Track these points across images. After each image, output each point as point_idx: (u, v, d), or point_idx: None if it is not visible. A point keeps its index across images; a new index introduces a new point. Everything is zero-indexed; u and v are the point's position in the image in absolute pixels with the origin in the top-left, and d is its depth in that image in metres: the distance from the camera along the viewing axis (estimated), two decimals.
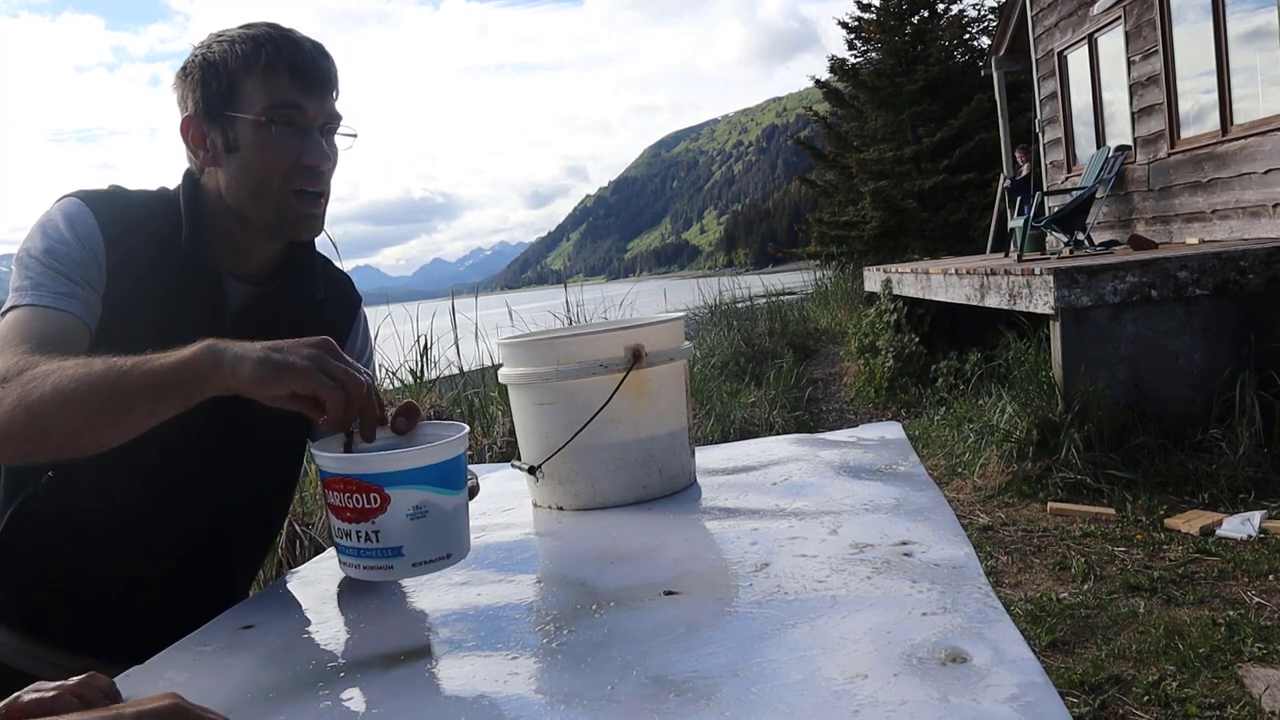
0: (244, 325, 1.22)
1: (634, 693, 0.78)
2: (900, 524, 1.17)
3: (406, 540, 1.00)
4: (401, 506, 0.99)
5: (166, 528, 1.23)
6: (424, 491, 1.00)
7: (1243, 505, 4.01)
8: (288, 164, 1.14)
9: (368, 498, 0.98)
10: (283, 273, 1.27)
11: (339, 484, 1.00)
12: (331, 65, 1.17)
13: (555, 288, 9.02)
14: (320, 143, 1.16)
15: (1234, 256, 4.63)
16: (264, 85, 1.13)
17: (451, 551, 1.05)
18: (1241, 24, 6.35)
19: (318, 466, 1.03)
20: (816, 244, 18.48)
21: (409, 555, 1.01)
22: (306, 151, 1.14)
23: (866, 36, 18.03)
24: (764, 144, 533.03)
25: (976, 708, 0.68)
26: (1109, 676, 2.69)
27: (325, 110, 1.16)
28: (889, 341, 7.98)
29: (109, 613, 1.22)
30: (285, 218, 1.17)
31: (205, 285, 1.21)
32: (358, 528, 1.00)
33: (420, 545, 1.01)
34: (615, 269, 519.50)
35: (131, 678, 0.95)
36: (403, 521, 0.99)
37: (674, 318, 1.55)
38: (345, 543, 1.02)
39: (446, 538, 1.03)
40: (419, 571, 1.02)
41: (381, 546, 1.00)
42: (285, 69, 1.13)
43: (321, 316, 1.32)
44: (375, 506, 0.98)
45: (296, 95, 1.14)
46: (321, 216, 1.20)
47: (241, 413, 1.23)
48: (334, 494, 1.01)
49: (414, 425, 1.10)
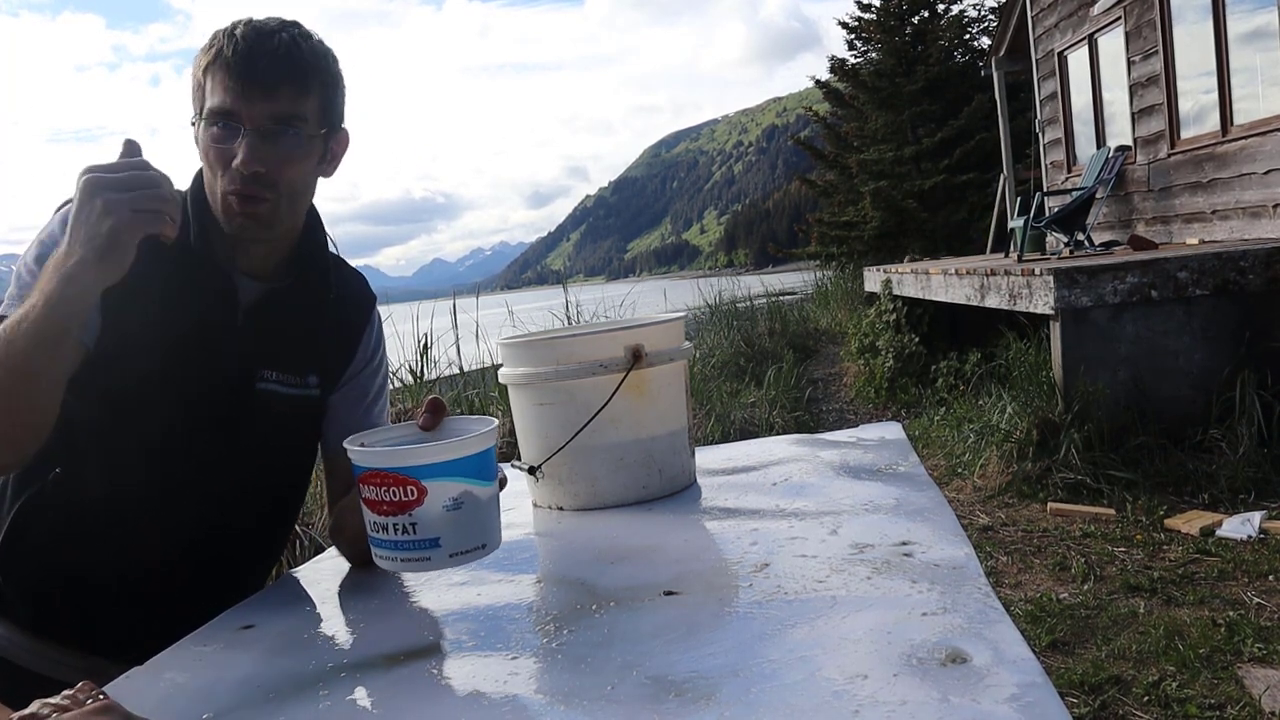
0: (255, 321, 1.23)
1: (634, 693, 0.78)
2: (900, 524, 1.17)
3: (444, 531, 1.01)
4: (439, 498, 1.00)
5: (174, 522, 1.23)
6: (461, 483, 1.01)
7: (1243, 505, 4.01)
8: (223, 167, 1.15)
9: (405, 490, 0.99)
10: (294, 271, 1.28)
11: (375, 478, 1.01)
12: (281, 64, 1.13)
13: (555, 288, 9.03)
14: (251, 144, 1.13)
15: (1234, 257, 4.63)
16: (211, 87, 1.14)
17: (486, 542, 1.06)
18: (1241, 24, 6.35)
19: (351, 462, 1.04)
20: (816, 244, 18.47)
21: (446, 546, 1.02)
22: (238, 154, 1.13)
23: (867, 37, 18.01)
24: (764, 144, 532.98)
25: (976, 708, 0.68)
26: (1109, 677, 2.69)
27: (268, 111, 1.13)
28: (889, 342, 7.98)
29: (116, 609, 1.22)
30: (227, 218, 1.18)
31: (215, 283, 1.22)
32: (395, 520, 1.01)
33: (457, 536, 1.02)
34: (615, 269, 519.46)
35: (132, 678, 0.95)
36: (440, 513, 1.00)
37: (674, 318, 1.55)
38: (381, 536, 1.03)
39: (482, 528, 1.05)
40: (455, 562, 1.03)
41: (419, 538, 1.01)
42: (222, 70, 1.13)
43: (333, 314, 1.33)
44: (413, 499, 0.99)
45: (230, 97, 1.13)
46: (266, 217, 1.18)
47: (248, 405, 1.23)
48: (370, 488, 1.02)
49: (440, 420, 1.11)
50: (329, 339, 1.33)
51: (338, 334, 1.34)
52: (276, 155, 1.15)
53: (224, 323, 1.22)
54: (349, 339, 1.36)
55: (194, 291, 1.20)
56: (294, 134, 1.16)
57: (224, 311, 1.22)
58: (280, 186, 1.17)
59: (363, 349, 1.37)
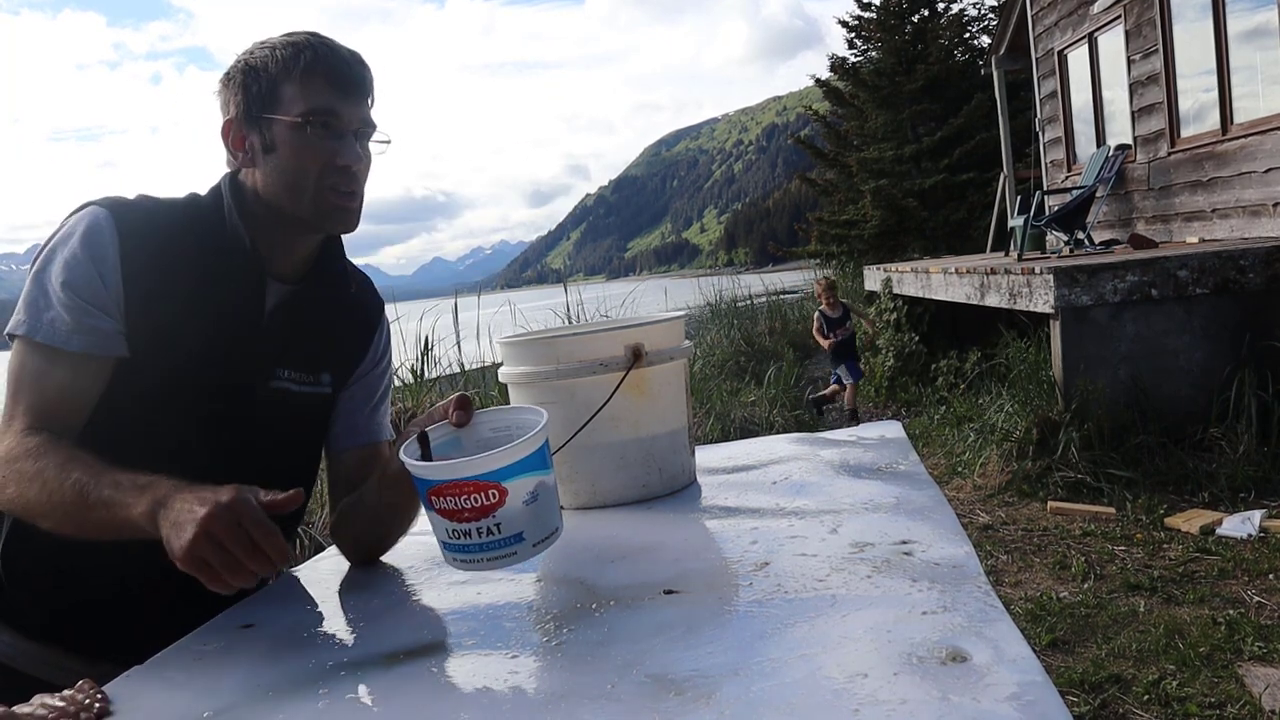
0: (277, 322, 1.24)
1: (634, 691, 0.78)
2: (900, 523, 1.17)
3: (526, 525, 1.05)
4: (519, 495, 1.03)
5: None
6: (535, 476, 1.05)
7: (1243, 504, 4.01)
8: (322, 165, 1.18)
9: (487, 495, 1.02)
10: (314, 271, 1.30)
11: (453, 489, 1.03)
12: (368, 73, 1.23)
13: (555, 287, 9.03)
14: (354, 146, 1.20)
15: (1234, 256, 4.63)
16: (302, 90, 1.17)
17: (558, 525, 1.10)
18: (1241, 23, 6.35)
19: (417, 478, 1.06)
20: (817, 243, 18.47)
21: (529, 538, 1.05)
22: (340, 153, 1.19)
23: (867, 35, 18.01)
24: (764, 143, 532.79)
25: (976, 707, 0.68)
26: (1109, 675, 2.69)
27: (360, 115, 1.21)
28: (889, 340, 7.98)
29: (121, 612, 1.22)
30: (320, 211, 1.21)
31: (249, 286, 1.23)
32: (478, 525, 1.03)
33: (537, 526, 1.06)
34: (615, 268, 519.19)
35: (132, 678, 0.95)
36: (520, 509, 1.04)
37: (674, 317, 1.55)
38: (463, 541, 1.05)
39: (553, 514, 1.09)
40: (537, 551, 1.07)
41: (505, 536, 1.04)
42: (323, 74, 1.18)
43: (348, 316, 1.36)
44: (495, 501, 1.02)
45: (333, 100, 1.18)
46: (356, 212, 1.24)
47: (262, 404, 1.24)
48: (446, 499, 1.03)
49: (470, 416, 1.15)
50: (343, 338, 1.35)
51: (351, 333, 1.37)
52: (366, 156, 1.23)
53: (250, 324, 1.23)
54: (361, 338, 1.38)
55: (227, 294, 1.22)
56: (372, 138, 1.25)
57: (251, 313, 1.24)
58: (363, 185, 1.25)
59: (373, 349, 1.39)
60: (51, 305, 1.13)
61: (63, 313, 1.12)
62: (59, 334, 1.12)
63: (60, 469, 1.06)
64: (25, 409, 1.13)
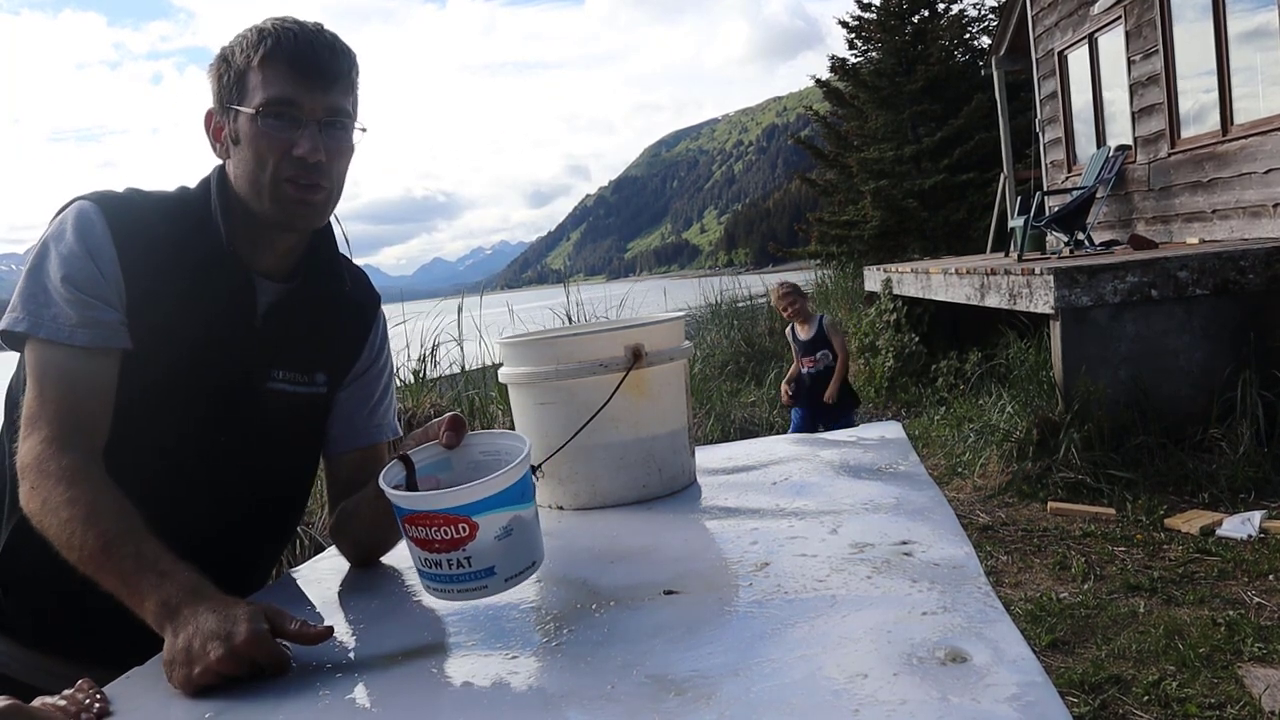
0: (272, 322, 1.23)
1: (634, 692, 0.78)
2: (900, 524, 1.17)
3: (498, 560, 1.00)
4: (490, 530, 0.99)
5: (180, 526, 1.22)
6: (509, 511, 1.01)
7: (1243, 505, 4.01)
8: (278, 156, 1.14)
9: (456, 529, 0.98)
10: (305, 269, 1.27)
11: (424, 520, 0.99)
12: (337, 59, 1.17)
13: (555, 287, 9.02)
14: (315, 135, 1.15)
15: (1234, 256, 4.63)
16: (263, 78, 1.14)
17: (536, 559, 1.05)
18: (1242, 23, 6.35)
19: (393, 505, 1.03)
20: (817, 243, 18.46)
21: (501, 573, 1.01)
22: (297, 144, 1.14)
23: (867, 36, 18.00)
24: (764, 143, 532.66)
25: (976, 707, 0.68)
26: (1109, 676, 2.69)
27: (325, 104, 1.15)
28: (889, 341, 7.98)
29: (119, 619, 1.22)
30: (280, 204, 1.17)
31: (236, 285, 1.21)
32: (448, 556, 1.00)
33: (510, 561, 1.01)
34: (615, 268, 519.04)
35: (132, 679, 0.95)
36: (492, 543, 1.00)
37: (674, 317, 1.55)
38: (435, 571, 1.02)
39: (530, 548, 1.04)
40: (511, 585, 1.03)
41: (474, 570, 1.00)
42: (283, 62, 1.14)
43: (342, 314, 1.34)
44: (465, 535, 0.99)
45: (292, 88, 1.13)
46: (321, 206, 1.19)
47: (257, 404, 1.23)
48: (418, 529, 1.00)
49: (462, 438, 1.11)
50: (338, 337, 1.33)
51: (346, 332, 1.34)
52: (332, 147, 1.17)
53: (243, 324, 1.22)
54: (356, 337, 1.36)
55: (216, 293, 1.20)
56: (345, 127, 1.19)
57: (244, 313, 1.22)
58: (333, 178, 1.19)
59: (369, 347, 1.37)
60: (53, 301, 1.12)
61: (65, 308, 1.11)
62: (62, 329, 1.11)
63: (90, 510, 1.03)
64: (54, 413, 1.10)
